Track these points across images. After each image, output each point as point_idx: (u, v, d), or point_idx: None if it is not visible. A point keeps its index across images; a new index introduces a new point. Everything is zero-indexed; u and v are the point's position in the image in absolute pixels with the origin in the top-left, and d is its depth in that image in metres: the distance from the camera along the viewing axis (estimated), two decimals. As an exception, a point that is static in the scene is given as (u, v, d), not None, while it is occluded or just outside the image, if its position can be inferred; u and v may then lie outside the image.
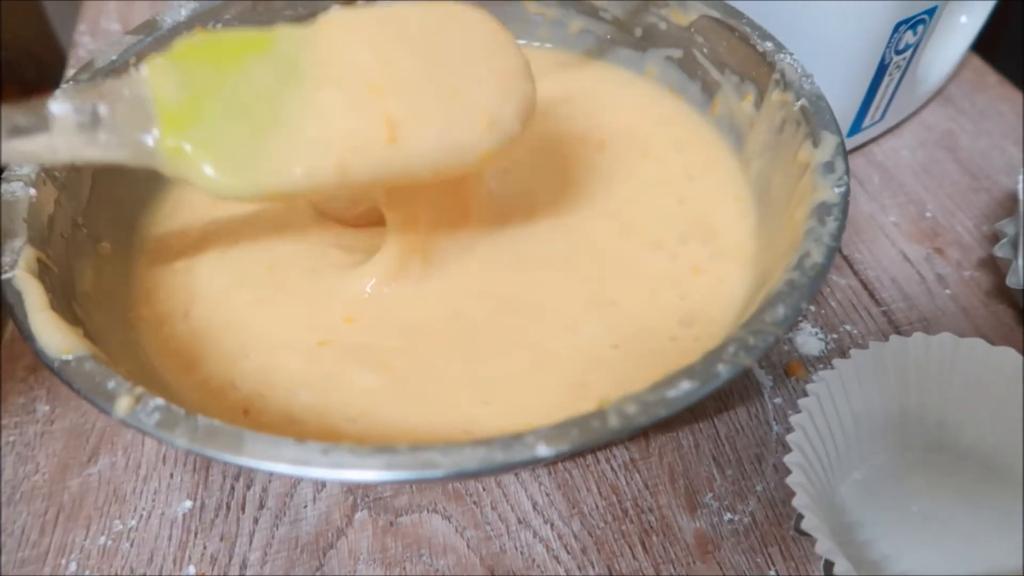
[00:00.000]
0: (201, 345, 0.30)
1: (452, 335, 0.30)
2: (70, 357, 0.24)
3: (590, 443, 0.22)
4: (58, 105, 0.24)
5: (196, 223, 0.35)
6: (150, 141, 0.24)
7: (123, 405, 0.23)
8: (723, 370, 0.23)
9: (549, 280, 0.32)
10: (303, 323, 0.30)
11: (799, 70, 0.33)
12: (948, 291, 0.38)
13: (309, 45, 0.26)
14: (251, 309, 0.31)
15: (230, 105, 0.25)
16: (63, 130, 0.24)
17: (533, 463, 0.22)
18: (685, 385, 0.23)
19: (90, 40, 0.57)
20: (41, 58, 1.01)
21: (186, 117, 0.24)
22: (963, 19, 0.46)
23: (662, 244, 0.33)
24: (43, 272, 0.27)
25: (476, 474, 0.22)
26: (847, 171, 0.29)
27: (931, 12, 0.39)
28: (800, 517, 0.26)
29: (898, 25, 0.38)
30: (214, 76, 0.25)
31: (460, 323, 0.30)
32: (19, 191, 0.29)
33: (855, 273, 0.39)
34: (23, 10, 0.89)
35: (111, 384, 0.23)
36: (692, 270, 0.33)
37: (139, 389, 0.23)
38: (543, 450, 0.21)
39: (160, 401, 0.23)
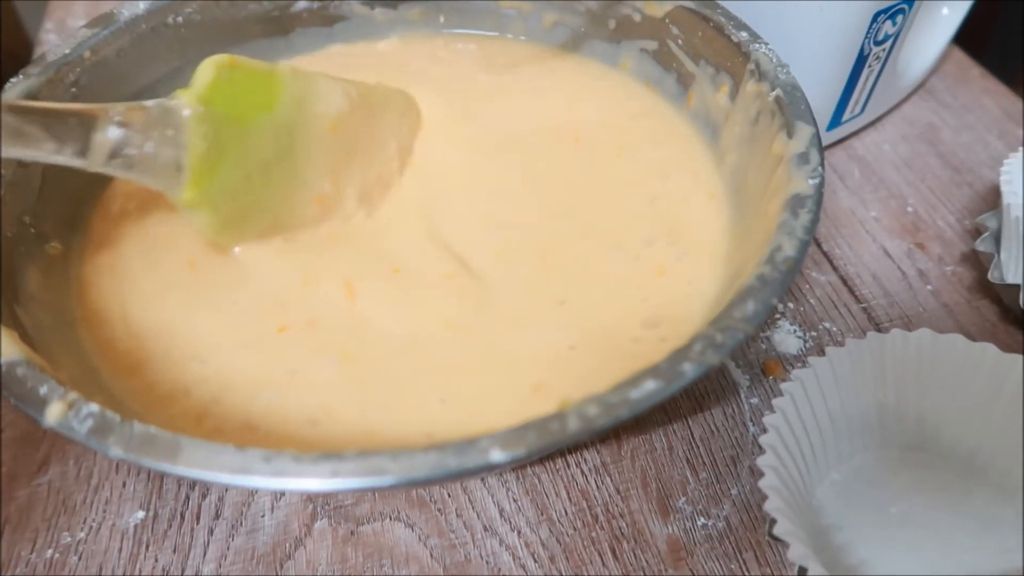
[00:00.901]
0: (143, 349, 0.28)
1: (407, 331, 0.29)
2: (1, 361, 0.23)
3: (548, 447, 0.21)
4: (113, 131, 0.26)
5: (131, 220, 0.34)
6: (179, 189, 0.28)
7: (54, 412, 0.21)
8: (689, 369, 0.22)
9: (503, 277, 0.31)
10: (251, 318, 0.29)
11: (774, 60, 0.32)
12: (930, 287, 0.37)
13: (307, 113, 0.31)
14: (185, 310, 0.29)
15: (241, 170, 0.29)
16: (99, 149, 0.26)
17: (488, 469, 0.20)
18: (649, 385, 0.22)
19: (55, 38, 0.55)
20: (18, 56, 1.00)
21: (209, 174, 0.28)
22: (944, 11, 0.46)
23: (623, 245, 0.32)
24: (-18, 274, 0.26)
25: (427, 481, 0.20)
26: (822, 162, 0.28)
27: (910, 2, 0.38)
28: (773, 521, 0.25)
29: (876, 15, 0.37)
30: (231, 135, 0.29)
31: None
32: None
33: (835, 269, 0.38)
34: (-2, 9, 0.88)
35: (43, 390, 0.22)
36: (656, 272, 0.31)
37: (73, 395, 0.22)
38: (497, 455, 0.20)
39: (94, 407, 0.21)
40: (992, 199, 0.41)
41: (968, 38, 0.49)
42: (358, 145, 0.34)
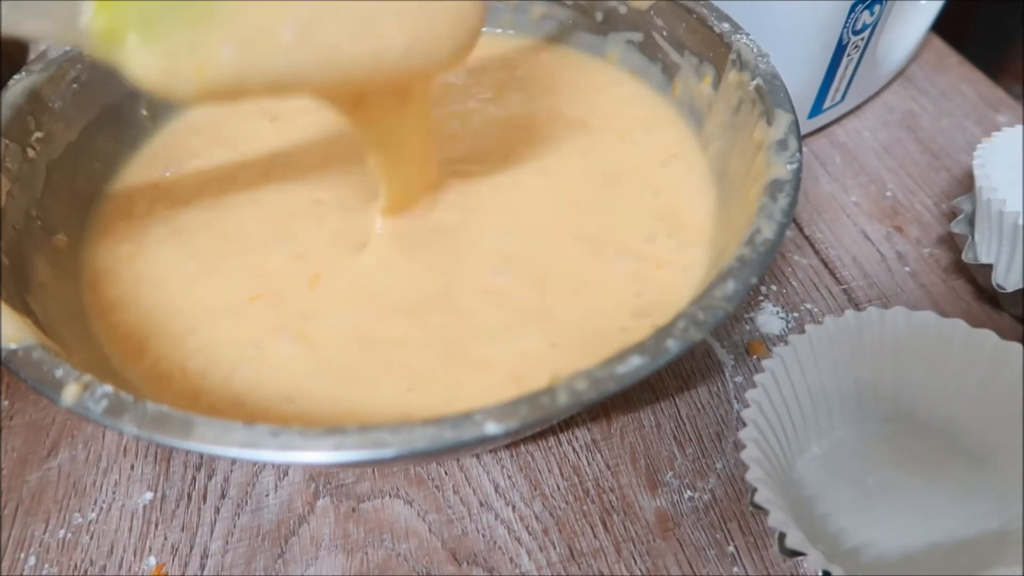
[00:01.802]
0: (149, 329, 0.30)
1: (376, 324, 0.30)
2: (17, 347, 0.24)
3: (540, 420, 0.22)
4: None
5: (144, 206, 0.35)
6: (83, 19, 0.21)
7: (71, 393, 0.22)
8: (673, 345, 0.23)
9: (491, 285, 0.31)
10: (241, 284, 0.31)
11: (755, 50, 0.33)
12: (907, 268, 0.39)
13: None
14: (194, 280, 0.31)
15: None
16: None
17: (483, 441, 0.22)
18: (635, 360, 0.23)
19: (51, 34, 0.56)
20: (12, 57, 1.00)
21: None
22: (923, 0, 0.47)
23: (627, 249, 0.32)
24: (-8, 263, 0.27)
25: (426, 453, 0.21)
26: (800, 148, 0.29)
27: (887, -8, 0.39)
28: (754, 491, 0.26)
29: (854, 5, 0.38)
30: None
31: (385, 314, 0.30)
32: (-33, 184, 0.29)
33: (816, 252, 0.39)
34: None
35: (59, 372, 0.23)
36: (656, 265, 0.32)
37: (87, 377, 0.23)
38: (492, 427, 0.21)
39: (108, 388, 0.22)
40: (968, 183, 0.42)
41: (948, 26, 0.50)
42: None
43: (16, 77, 0.33)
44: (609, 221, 0.34)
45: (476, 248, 0.32)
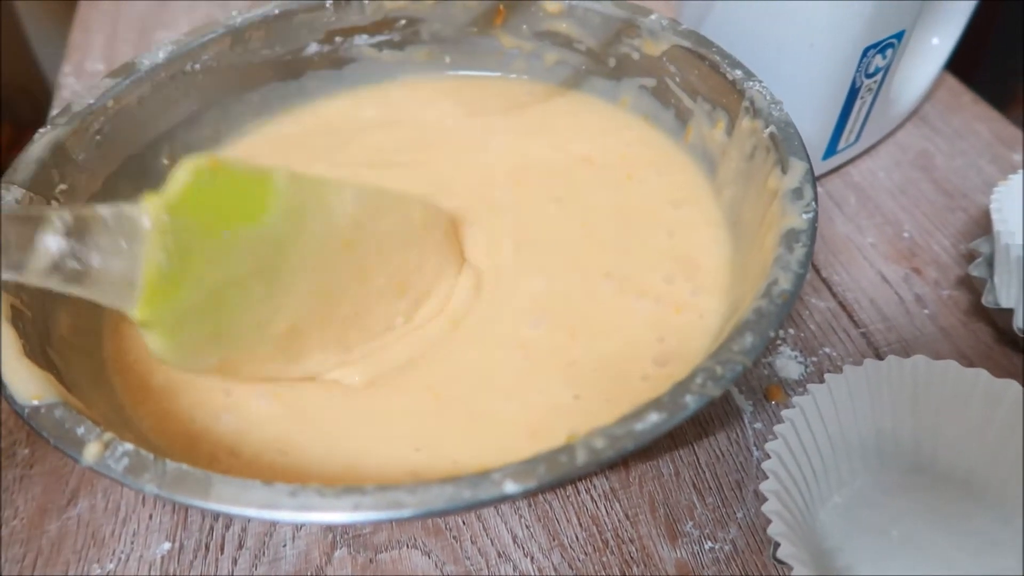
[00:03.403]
0: (157, 378, 0.30)
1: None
2: (40, 404, 0.24)
3: (558, 479, 0.22)
4: (55, 241, 0.22)
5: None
6: (130, 308, 0.24)
7: (92, 452, 0.23)
8: (691, 401, 0.23)
9: (525, 338, 0.32)
10: None
11: (768, 97, 0.33)
12: (927, 311, 0.38)
13: (298, 224, 0.27)
14: None
15: (205, 292, 0.25)
16: (38, 262, 0.22)
17: (501, 500, 0.22)
18: (653, 417, 0.23)
19: (75, 81, 0.57)
20: (34, 96, 1.02)
21: (166, 294, 0.24)
22: (935, 40, 0.47)
23: (646, 290, 0.33)
24: (16, 318, 0.27)
25: (444, 512, 0.21)
26: (815, 197, 0.29)
27: (899, 36, 0.39)
28: (776, 545, 0.26)
29: (866, 50, 0.38)
30: (202, 250, 0.25)
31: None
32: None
33: (833, 295, 0.39)
34: (12, 49, 0.91)
35: (80, 430, 0.23)
36: (675, 309, 0.32)
37: (108, 435, 0.23)
38: (511, 487, 0.21)
39: (129, 446, 0.23)
40: (986, 224, 0.42)
41: (961, 64, 0.50)
42: (368, 265, 0.30)
43: (41, 131, 0.34)
44: (628, 258, 0.34)
45: (512, 299, 0.33)
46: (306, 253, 0.27)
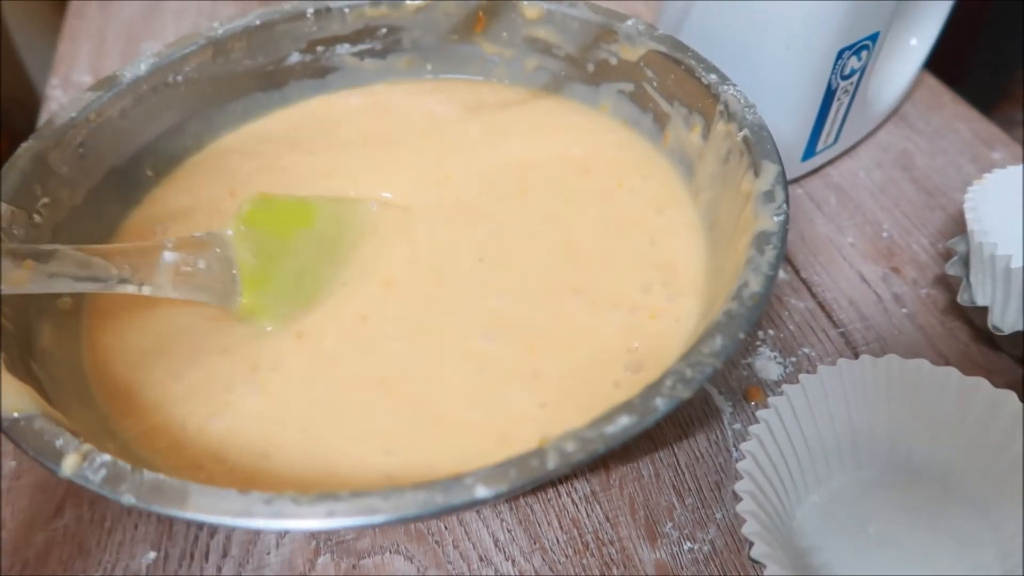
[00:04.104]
0: (136, 382, 0.31)
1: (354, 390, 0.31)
2: (19, 416, 0.24)
3: (530, 482, 0.22)
4: (170, 255, 0.30)
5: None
6: (237, 298, 0.32)
7: (70, 463, 0.23)
8: (661, 403, 0.23)
9: (476, 350, 0.32)
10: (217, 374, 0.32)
11: (742, 101, 0.34)
12: (905, 310, 0.39)
13: (348, 229, 0.36)
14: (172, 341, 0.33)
15: (285, 275, 0.33)
16: (163, 273, 0.30)
17: (473, 504, 0.22)
18: (624, 420, 0.23)
19: (62, 93, 0.58)
20: (28, 108, 1.03)
21: (258, 281, 0.32)
22: (912, 41, 0.48)
23: (621, 302, 0.33)
24: (-3, 332, 0.28)
25: (417, 518, 0.22)
26: (787, 200, 0.29)
27: (874, 38, 0.40)
28: (751, 545, 0.26)
29: (841, 52, 0.39)
30: (276, 248, 0.33)
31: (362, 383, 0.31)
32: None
33: (813, 295, 0.40)
34: (3, 60, 0.91)
35: (59, 442, 0.23)
36: (650, 315, 0.32)
37: (87, 446, 0.23)
38: (482, 491, 0.22)
39: (107, 458, 0.23)
40: (963, 222, 0.42)
41: (949, 54, 0.51)
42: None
43: (25, 145, 0.34)
44: (606, 271, 0.34)
45: (467, 311, 0.33)
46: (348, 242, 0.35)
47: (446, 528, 0.32)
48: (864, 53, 0.40)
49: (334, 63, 0.44)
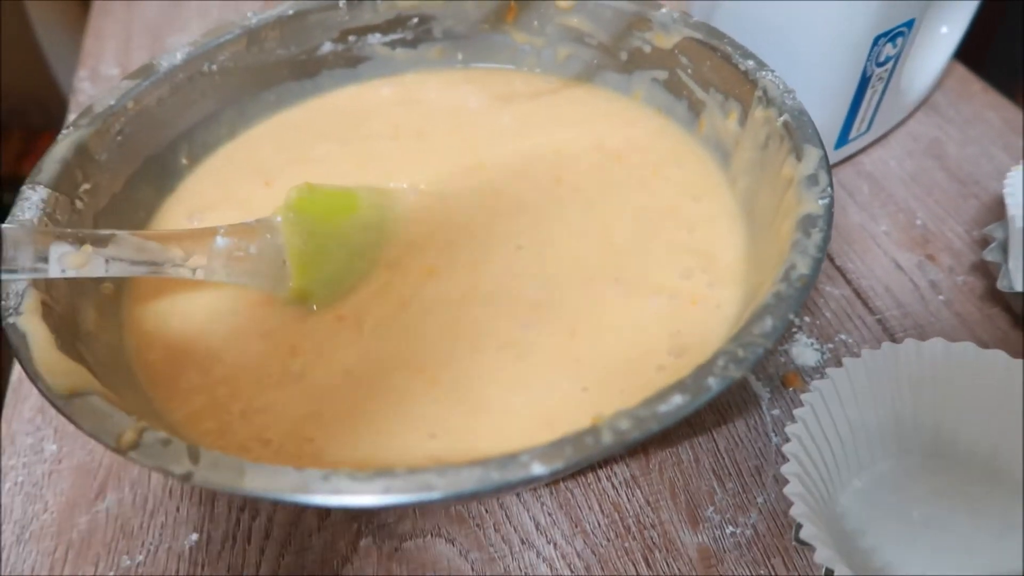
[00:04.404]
0: (179, 363, 0.32)
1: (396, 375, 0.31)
2: (75, 395, 0.24)
3: (584, 459, 0.22)
4: (222, 240, 0.31)
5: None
6: (288, 282, 0.33)
7: (127, 440, 0.23)
8: (713, 383, 0.23)
9: (514, 339, 0.32)
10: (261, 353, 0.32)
11: (781, 86, 0.34)
12: (941, 297, 0.39)
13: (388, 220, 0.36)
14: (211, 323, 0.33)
15: (333, 260, 0.34)
16: (216, 258, 0.31)
17: (529, 482, 0.22)
18: (677, 399, 0.23)
19: (90, 86, 0.58)
20: (45, 104, 1.03)
21: (307, 266, 0.33)
22: (944, 29, 0.47)
23: (662, 287, 0.33)
24: (47, 314, 0.28)
25: (473, 495, 0.22)
26: (831, 183, 0.29)
27: (909, 24, 0.40)
28: (799, 527, 0.26)
29: (877, 38, 0.39)
30: (324, 235, 0.34)
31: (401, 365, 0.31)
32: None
33: (848, 283, 0.40)
34: (24, 57, 0.91)
35: (115, 420, 0.24)
36: (691, 301, 0.32)
37: (142, 424, 0.23)
38: (538, 468, 0.22)
39: (162, 434, 0.23)
40: (998, 210, 0.42)
41: (969, 52, 0.50)
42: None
43: (64, 132, 0.34)
44: (644, 259, 0.34)
45: (506, 298, 0.33)
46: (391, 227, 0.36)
47: (487, 511, 0.32)
48: (899, 40, 0.40)
49: (366, 53, 0.44)
